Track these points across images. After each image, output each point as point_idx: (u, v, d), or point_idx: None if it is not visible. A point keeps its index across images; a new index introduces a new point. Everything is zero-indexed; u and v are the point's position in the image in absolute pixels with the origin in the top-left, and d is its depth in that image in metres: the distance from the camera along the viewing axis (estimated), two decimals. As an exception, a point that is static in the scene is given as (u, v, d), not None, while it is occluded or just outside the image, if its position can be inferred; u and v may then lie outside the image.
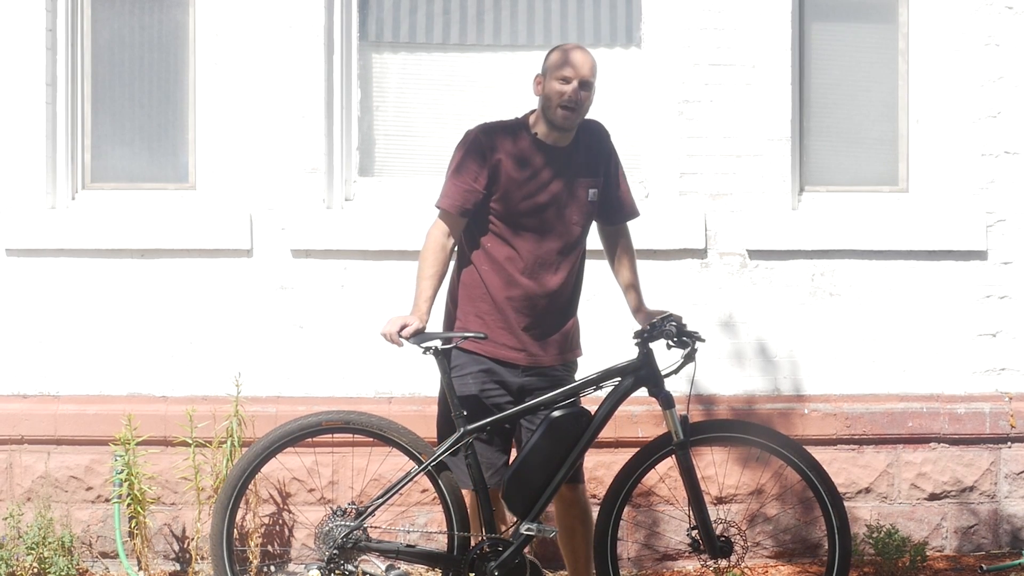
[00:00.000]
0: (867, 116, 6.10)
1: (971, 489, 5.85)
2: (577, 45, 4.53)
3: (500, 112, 5.54)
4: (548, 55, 4.52)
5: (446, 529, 4.49)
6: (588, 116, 4.54)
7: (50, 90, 5.83)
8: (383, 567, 4.51)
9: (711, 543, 4.42)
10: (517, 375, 4.47)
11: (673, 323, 4.40)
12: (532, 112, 4.55)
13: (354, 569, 4.40)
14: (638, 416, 5.60)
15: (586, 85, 4.42)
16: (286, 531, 5.69)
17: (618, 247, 4.70)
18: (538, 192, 4.45)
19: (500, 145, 4.46)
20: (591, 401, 4.48)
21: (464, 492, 4.47)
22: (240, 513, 5.38)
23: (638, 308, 4.64)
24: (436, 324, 5.03)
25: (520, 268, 4.45)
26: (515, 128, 4.51)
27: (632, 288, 4.67)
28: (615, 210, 4.66)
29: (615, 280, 4.73)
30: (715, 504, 5.49)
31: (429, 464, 4.41)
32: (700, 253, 5.85)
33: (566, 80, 4.39)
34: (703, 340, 4.44)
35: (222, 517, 4.53)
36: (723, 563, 4.55)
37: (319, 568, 4.46)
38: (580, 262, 4.59)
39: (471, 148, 4.47)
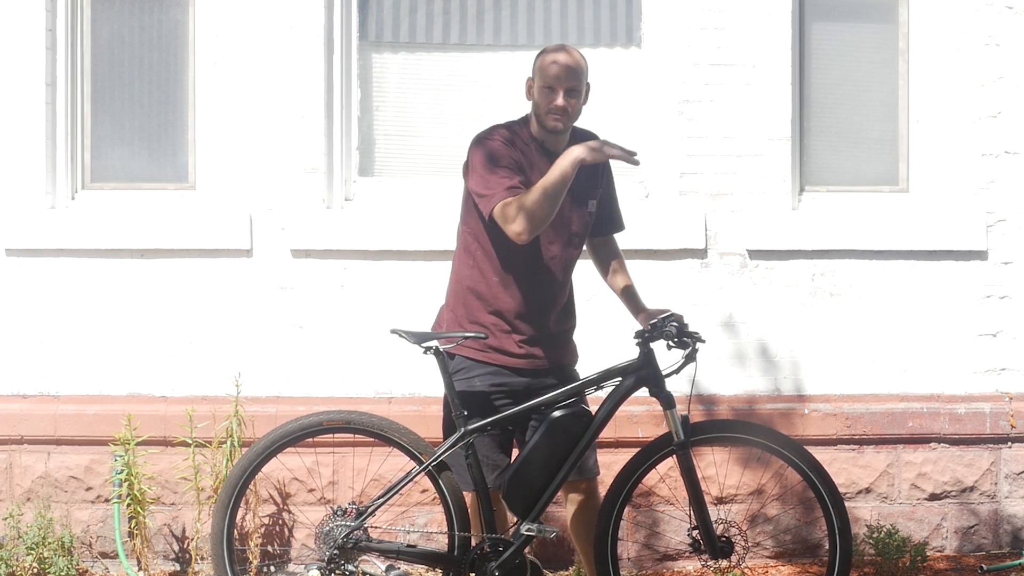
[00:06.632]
0: (867, 116, 6.10)
1: (971, 489, 5.85)
2: (561, 48, 4.40)
3: (500, 112, 5.54)
4: (536, 58, 4.43)
5: (446, 529, 4.48)
6: (586, 127, 4.50)
7: (50, 90, 5.83)
8: (383, 567, 4.50)
9: (712, 543, 4.41)
10: (523, 378, 4.44)
11: (674, 323, 4.39)
12: (528, 115, 4.50)
13: (354, 569, 4.39)
14: (638, 416, 5.60)
15: (573, 92, 4.34)
16: (286, 531, 5.68)
17: (609, 256, 4.68)
18: None
19: (516, 148, 4.39)
20: (592, 401, 4.47)
21: (465, 494, 4.47)
22: (240, 513, 5.38)
23: (638, 310, 4.61)
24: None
25: (526, 276, 4.42)
26: (519, 132, 4.45)
27: (629, 292, 4.64)
28: (607, 222, 4.65)
29: (610, 289, 4.70)
30: (716, 504, 5.49)
31: (430, 464, 4.41)
32: (700, 253, 5.84)
33: (551, 89, 4.32)
34: (703, 341, 4.43)
35: (222, 517, 4.52)
36: (724, 563, 4.55)
37: (319, 568, 4.45)
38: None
39: (499, 146, 4.34)
